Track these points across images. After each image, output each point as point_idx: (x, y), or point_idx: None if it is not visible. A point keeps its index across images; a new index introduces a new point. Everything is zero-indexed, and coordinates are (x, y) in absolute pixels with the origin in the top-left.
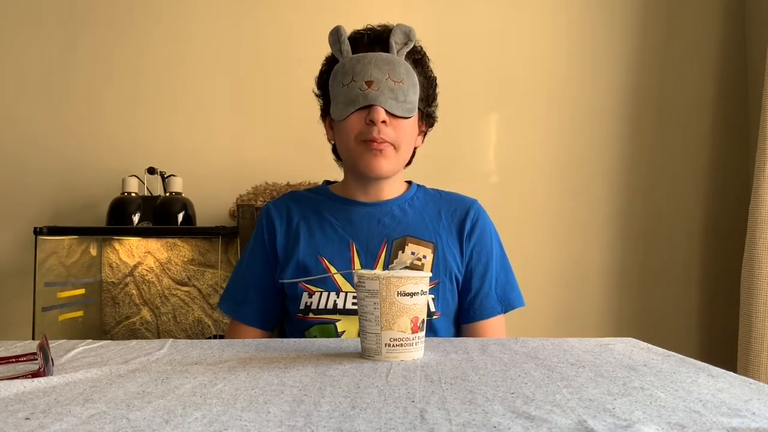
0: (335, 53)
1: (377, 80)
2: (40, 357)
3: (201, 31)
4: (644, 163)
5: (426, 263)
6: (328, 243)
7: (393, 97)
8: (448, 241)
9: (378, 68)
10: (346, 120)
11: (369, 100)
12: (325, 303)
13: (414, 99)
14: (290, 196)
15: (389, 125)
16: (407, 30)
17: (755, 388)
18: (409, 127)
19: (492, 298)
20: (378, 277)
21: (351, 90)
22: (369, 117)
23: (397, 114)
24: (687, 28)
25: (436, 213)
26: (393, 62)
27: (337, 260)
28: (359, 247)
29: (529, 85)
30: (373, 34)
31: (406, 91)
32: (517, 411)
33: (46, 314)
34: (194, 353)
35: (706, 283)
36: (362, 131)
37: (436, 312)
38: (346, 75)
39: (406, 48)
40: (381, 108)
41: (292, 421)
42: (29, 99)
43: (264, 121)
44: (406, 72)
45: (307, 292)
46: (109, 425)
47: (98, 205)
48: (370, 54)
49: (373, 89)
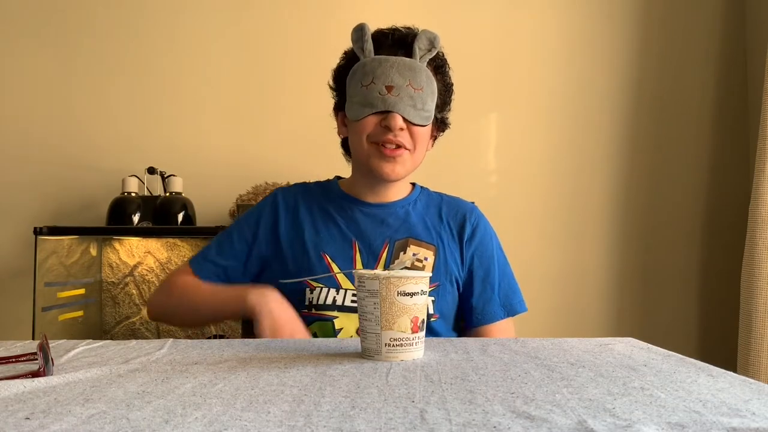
0: (357, 51)
1: (398, 86)
2: (40, 357)
3: (201, 31)
4: (644, 163)
5: (427, 265)
6: (331, 240)
7: (412, 105)
8: (449, 244)
9: (399, 74)
10: (361, 121)
11: (388, 105)
12: (325, 299)
13: (431, 107)
14: (300, 188)
15: (405, 131)
16: (432, 37)
17: (755, 388)
18: (425, 134)
19: (495, 302)
20: (378, 277)
21: (370, 92)
22: (386, 122)
23: (415, 122)
24: (687, 28)
25: (438, 216)
26: (415, 69)
27: (339, 258)
28: (362, 246)
29: (529, 85)
30: (397, 35)
31: (425, 99)
32: (517, 411)
33: (46, 314)
34: (194, 353)
35: (706, 283)
36: (376, 133)
37: (435, 314)
38: (366, 75)
39: (429, 55)
40: (399, 115)
41: (292, 421)
42: (29, 99)
43: (264, 121)
44: (426, 79)
45: (309, 287)
46: (109, 425)
47: (98, 205)
48: (393, 58)
49: (393, 95)
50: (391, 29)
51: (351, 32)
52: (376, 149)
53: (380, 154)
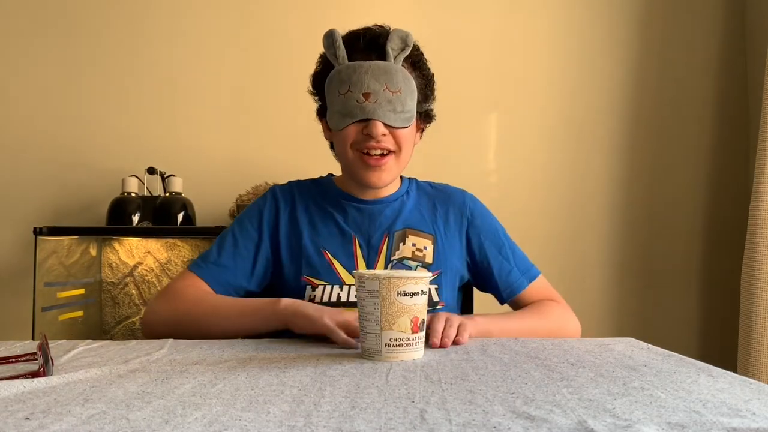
0: (330, 58)
1: (375, 92)
2: (40, 357)
3: (201, 32)
4: (644, 163)
5: (427, 254)
6: (330, 236)
7: (391, 109)
8: (447, 232)
9: (375, 78)
10: (343, 131)
11: (367, 113)
12: (329, 296)
13: (412, 107)
14: (295, 185)
15: (388, 135)
16: (404, 35)
17: (755, 388)
18: (409, 134)
19: (515, 273)
20: (378, 277)
21: (348, 101)
22: (367, 131)
23: (396, 126)
24: (687, 28)
25: (431, 206)
26: (390, 71)
27: (340, 254)
28: (361, 241)
29: (529, 85)
30: (369, 36)
31: (404, 100)
32: (517, 411)
33: (46, 314)
34: (194, 353)
35: (706, 283)
36: (359, 140)
37: (441, 302)
38: (343, 84)
39: (403, 54)
40: (380, 122)
41: (292, 421)
42: (29, 99)
43: (264, 121)
44: (404, 80)
45: (311, 285)
46: (109, 425)
47: (98, 205)
48: (366, 63)
49: (371, 101)
50: (362, 30)
51: (322, 39)
52: (361, 158)
53: (365, 164)
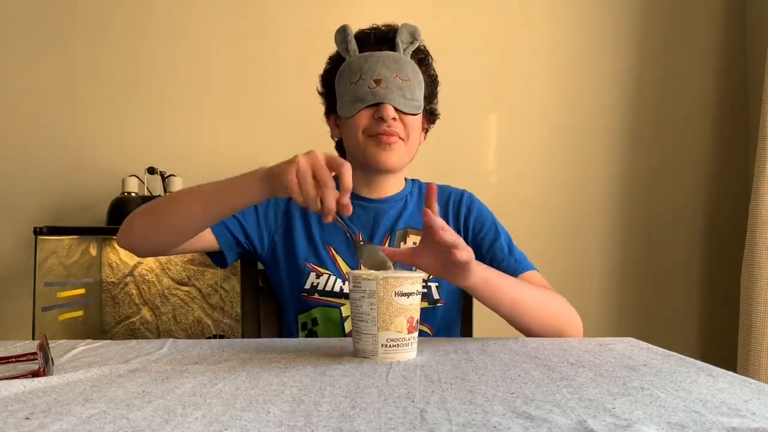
0: (341, 52)
1: (386, 78)
2: (40, 357)
3: (201, 31)
4: (644, 163)
5: None
6: (334, 234)
7: (401, 95)
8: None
9: (386, 66)
10: (354, 117)
11: (378, 97)
12: (332, 286)
13: (420, 96)
14: None
15: (398, 121)
16: (413, 29)
17: (755, 388)
18: (416, 123)
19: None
20: (375, 277)
21: (359, 88)
22: (378, 114)
23: (406, 111)
24: (687, 29)
25: None
26: (400, 61)
27: (343, 251)
28: (364, 239)
29: (529, 85)
30: (379, 33)
31: (413, 88)
32: (517, 411)
33: (46, 314)
34: (194, 353)
35: (706, 283)
36: (370, 126)
37: (441, 300)
38: (354, 73)
39: (411, 47)
40: (390, 105)
41: (292, 421)
42: (29, 99)
43: (264, 122)
44: (412, 70)
45: (315, 272)
46: (109, 425)
47: (98, 205)
48: (378, 53)
49: (382, 87)
50: (372, 28)
51: (334, 35)
52: (373, 141)
53: (376, 142)
